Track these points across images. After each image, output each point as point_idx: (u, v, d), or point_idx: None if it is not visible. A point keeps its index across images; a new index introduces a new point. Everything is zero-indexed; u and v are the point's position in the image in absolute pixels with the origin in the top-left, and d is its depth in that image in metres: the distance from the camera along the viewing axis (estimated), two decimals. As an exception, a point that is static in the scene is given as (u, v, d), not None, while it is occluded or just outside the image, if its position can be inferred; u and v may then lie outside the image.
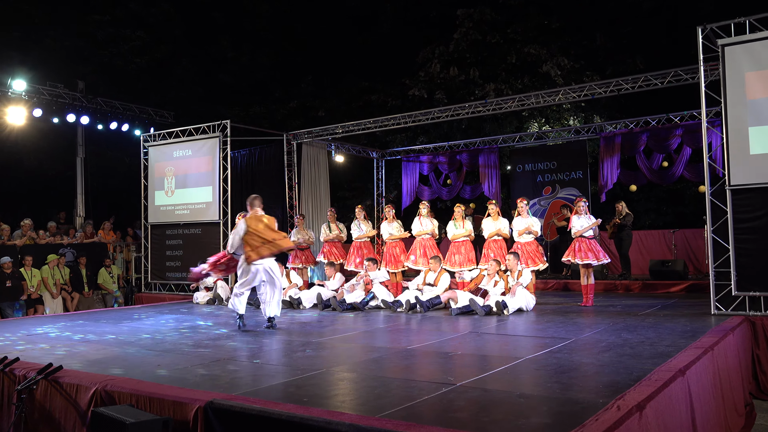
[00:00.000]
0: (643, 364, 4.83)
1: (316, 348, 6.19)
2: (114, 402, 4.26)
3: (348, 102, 20.30)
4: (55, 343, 6.69)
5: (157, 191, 13.69)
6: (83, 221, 15.35)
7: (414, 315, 8.67)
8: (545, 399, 3.99)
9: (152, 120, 15.86)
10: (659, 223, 17.33)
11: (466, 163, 15.96)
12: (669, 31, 16.99)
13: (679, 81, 10.53)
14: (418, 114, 13.48)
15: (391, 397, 4.08)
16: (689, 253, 13.05)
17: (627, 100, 16.04)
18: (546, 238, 13.67)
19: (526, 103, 12.25)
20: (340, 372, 5.03)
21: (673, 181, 14.14)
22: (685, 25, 13.83)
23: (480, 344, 6.28)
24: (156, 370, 5.10)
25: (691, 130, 12.76)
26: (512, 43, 17.66)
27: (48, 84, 13.85)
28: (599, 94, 11.48)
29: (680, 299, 9.83)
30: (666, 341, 5.86)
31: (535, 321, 7.76)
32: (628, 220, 11.99)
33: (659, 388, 3.93)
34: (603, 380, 4.43)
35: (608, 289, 11.43)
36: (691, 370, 4.55)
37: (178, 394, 4.05)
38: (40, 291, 11.79)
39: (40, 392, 4.70)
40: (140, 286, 13.90)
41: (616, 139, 13.70)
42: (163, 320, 8.74)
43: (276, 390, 4.36)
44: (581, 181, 14.32)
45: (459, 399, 4.00)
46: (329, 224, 11.74)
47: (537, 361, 5.16)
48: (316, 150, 15.18)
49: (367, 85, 19.90)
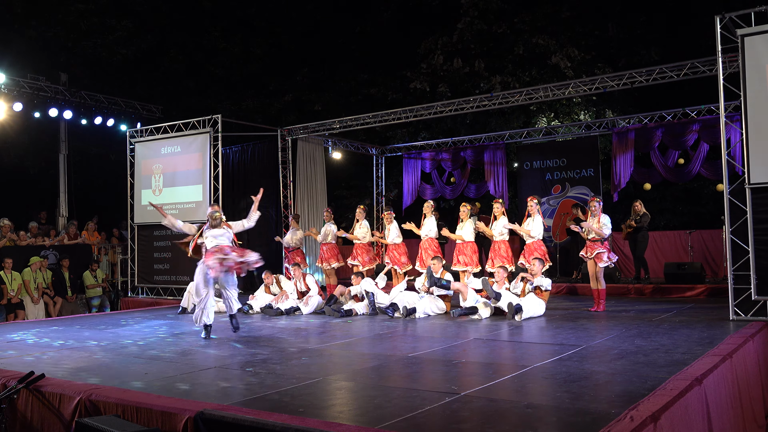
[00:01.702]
0: (657, 372, 4.84)
1: (312, 355, 6.20)
2: (99, 412, 4.26)
3: (346, 95, 20.30)
4: (37, 350, 6.70)
5: (144, 190, 13.69)
6: (66, 221, 15.36)
7: (415, 320, 8.68)
8: (554, 409, 3.99)
9: (139, 114, 15.87)
10: (675, 223, 17.34)
11: (470, 161, 15.97)
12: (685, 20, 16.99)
13: (696, 73, 10.54)
14: (420, 108, 13.49)
15: (391, 407, 4.09)
16: (706, 256, 13.06)
17: (641, 93, 16.04)
18: (555, 240, 13.68)
19: (534, 97, 12.26)
20: (337, 381, 5.03)
21: (690, 179, 14.14)
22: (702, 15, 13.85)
23: (486, 351, 6.29)
24: (143, 379, 5.11)
25: (708, 126, 12.76)
26: (520, 34, 17.64)
27: (29, 77, 13.86)
28: (611, 88, 11.49)
29: (697, 304, 9.83)
30: (682, 348, 5.87)
31: (544, 327, 7.76)
32: (645, 222, 11.99)
33: (674, 398, 3.94)
34: (615, 389, 4.44)
35: (620, 294, 11.45)
36: (708, 379, 4.56)
37: (167, 404, 4.06)
38: (20, 295, 11.79)
39: (21, 402, 4.71)
40: (126, 290, 13.91)
41: (630, 135, 13.70)
42: (151, 326, 8.74)
43: (270, 399, 4.37)
44: (592, 179, 14.32)
45: (463, 409, 4.00)
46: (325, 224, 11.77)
47: (546, 370, 5.17)
48: (312, 146, 15.19)
49: (366, 78, 19.89)
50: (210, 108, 16.77)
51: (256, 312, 10.10)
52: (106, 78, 18.69)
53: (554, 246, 13.48)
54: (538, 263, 8.86)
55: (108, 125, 15.27)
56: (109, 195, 18.55)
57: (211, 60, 20.87)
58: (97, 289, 13.14)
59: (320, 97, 20.30)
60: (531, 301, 8.53)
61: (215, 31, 20.61)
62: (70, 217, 15.75)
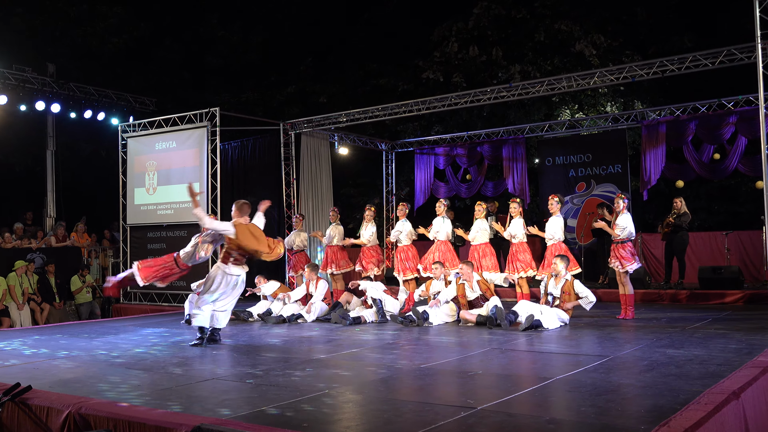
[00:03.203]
0: (690, 385, 4.81)
1: (317, 366, 6.21)
2: (89, 427, 4.29)
3: (353, 87, 20.32)
4: (23, 360, 6.75)
5: (137, 188, 13.77)
6: (54, 222, 15.45)
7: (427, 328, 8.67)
8: (578, 425, 3.98)
9: (132, 108, 15.96)
10: (710, 223, 17.24)
11: (487, 156, 15.94)
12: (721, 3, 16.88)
13: (733, 61, 10.46)
14: (433, 100, 13.48)
15: (402, 422, 4.09)
16: (744, 258, 12.96)
17: (672, 83, 15.95)
18: (580, 242, 13.64)
19: (556, 87, 12.23)
20: (344, 393, 5.04)
21: (726, 176, 14.06)
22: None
23: (504, 362, 6.28)
24: (136, 391, 5.13)
25: (746, 118, 12.68)
26: (541, 19, 17.60)
27: (14, 67, 13.97)
28: (640, 77, 11.44)
29: (734, 311, 9.76)
30: (717, 359, 5.83)
31: (568, 336, 7.74)
32: (685, 221, 11.93)
33: (710, 413, 3.92)
34: (645, 404, 4.42)
35: (651, 300, 11.40)
36: (746, 393, 4.53)
37: (161, 419, 4.08)
38: (5, 302, 11.88)
39: (6, 415, 4.74)
40: (119, 296, 13.98)
41: (660, 128, 13.64)
42: (145, 334, 8.78)
43: (271, 414, 4.38)
44: (620, 176, 14.26)
45: (480, 425, 4.00)
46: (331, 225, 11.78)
47: (569, 382, 5.15)
48: (317, 141, 15.22)
49: (374, 68, 19.91)
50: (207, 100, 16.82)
51: (255, 320, 10.13)
52: (96, 69, 18.79)
53: (579, 248, 13.43)
54: (561, 262, 8.78)
55: (98, 119, 15.36)
56: (100, 194, 18.67)
57: (208, 49, 20.96)
58: (86, 295, 13.22)
59: (325, 89, 20.32)
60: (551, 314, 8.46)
61: (212, 19, 20.69)
62: (58, 217, 15.86)
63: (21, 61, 14.48)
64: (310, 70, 20.91)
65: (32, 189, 17.66)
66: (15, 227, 13.99)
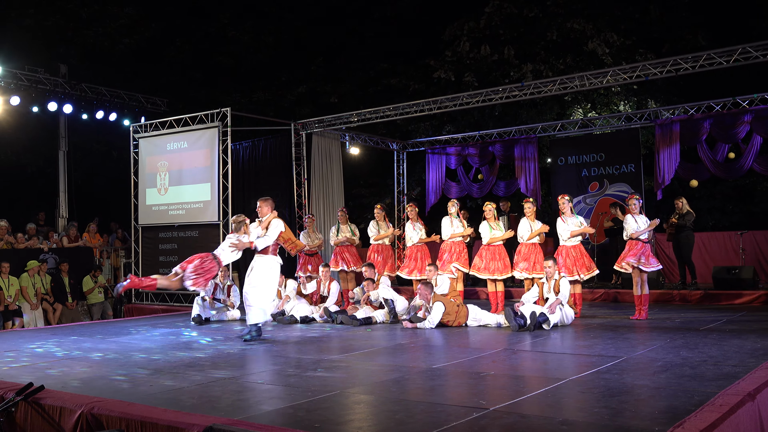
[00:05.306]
0: (705, 386, 4.80)
1: (328, 367, 6.22)
2: (102, 427, 4.32)
3: (364, 86, 20.33)
4: (36, 360, 6.81)
5: (148, 189, 13.84)
6: (66, 223, 15.55)
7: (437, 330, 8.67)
8: (591, 426, 3.98)
9: (143, 108, 16.04)
10: (724, 223, 17.13)
11: (499, 156, 15.91)
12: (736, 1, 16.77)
13: (748, 59, 10.37)
14: (445, 99, 13.47)
15: (414, 423, 4.09)
16: (760, 259, 12.88)
17: (686, 81, 15.86)
18: (592, 242, 13.59)
19: (569, 86, 12.18)
20: (355, 394, 5.05)
21: (741, 176, 13.97)
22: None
23: (516, 363, 6.28)
24: (148, 391, 5.16)
25: (762, 116, 12.60)
26: (553, 18, 17.54)
27: (27, 69, 14.07)
28: (654, 76, 11.38)
29: (749, 312, 9.71)
30: (732, 360, 5.81)
31: (580, 336, 7.72)
32: (689, 220, 11.88)
33: (725, 415, 3.90)
34: (659, 405, 4.40)
35: (665, 300, 11.35)
36: (762, 394, 4.51)
37: (174, 419, 4.10)
38: (18, 302, 11.98)
39: (20, 415, 4.79)
40: (130, 296, 14.06)
41: (674, 127, 13.57)
42: (157, 335, 8.84)
43: (283, 414, 4.40)
44: (633, 176, 14.20)
45: (492, 426, 4.00)
46: (339, 226, 11.80)
47: (582, 383, 5.15)
48: (328, 141, 15.23)
49: (386, 67, 19.91)
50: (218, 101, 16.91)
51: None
52: (108, 70, 18.90)
53: (591, 248, 13.38)
54: (552, 263, 8.75)
55: (110, 120, 15.44)
56: (112, 194, 18.77)
57: (219, 49, 21.02)
58: (98, 295, 13.30)
59: (336, 89, 20.35)
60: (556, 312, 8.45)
61: (223, 19, 20.77)
62: (70, 218, 15.95)
63: (33, 62, 14.58)
64: (321, 70, 20.95)
65: (44, 189, 17.78)
66: (27, 227, 14.09)
